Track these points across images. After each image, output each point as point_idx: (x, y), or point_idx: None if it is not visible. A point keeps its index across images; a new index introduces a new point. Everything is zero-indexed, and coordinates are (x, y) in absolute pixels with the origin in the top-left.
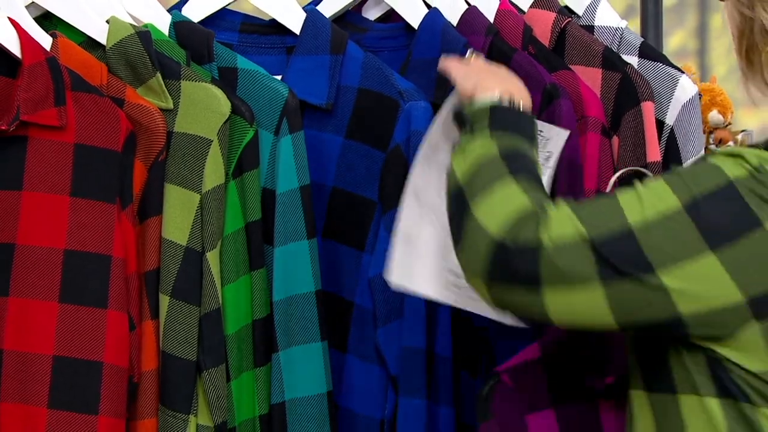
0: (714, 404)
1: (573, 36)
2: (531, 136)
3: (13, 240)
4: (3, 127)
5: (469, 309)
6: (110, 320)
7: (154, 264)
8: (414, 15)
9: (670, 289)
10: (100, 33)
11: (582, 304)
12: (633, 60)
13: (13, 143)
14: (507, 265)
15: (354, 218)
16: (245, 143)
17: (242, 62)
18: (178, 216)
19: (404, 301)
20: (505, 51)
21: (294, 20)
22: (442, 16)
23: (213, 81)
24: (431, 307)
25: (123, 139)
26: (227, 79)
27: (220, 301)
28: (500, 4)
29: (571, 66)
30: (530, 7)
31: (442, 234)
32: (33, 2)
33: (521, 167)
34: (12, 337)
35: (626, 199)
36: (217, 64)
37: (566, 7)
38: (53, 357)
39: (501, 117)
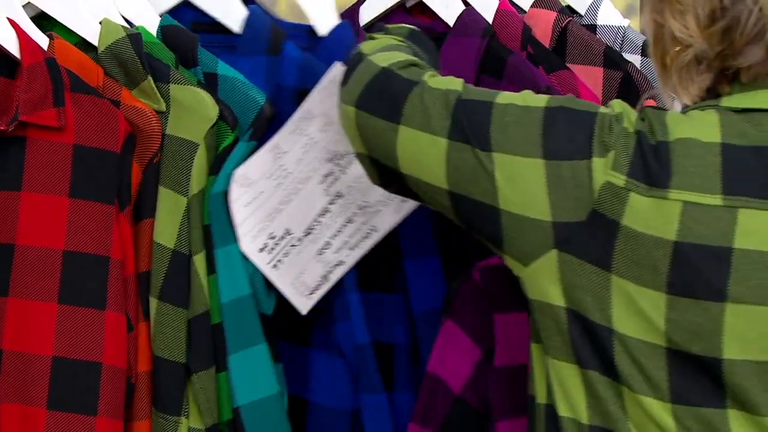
0: (536, 349)
1: (574, 35)
2: (435, 67)
3: (12, 240)
4: (2, 128)
5: (268, 276)
6: (108, 321)
7: (147, 266)
8: (323, 23)
9: (497, 176)
10: (94, 35)
11: (426, 153)
12: (636, 58)
13: (12, 144)
14: (382, 88)
15: None
16: (222, 148)
17: (222, 68)
18: (167, 219)
19: (346, 300)
20: (500, 54)
21: (236, 20)
22: (352, 31)
23: (200, 84)
24: (383, 300)
25: (122, 141)
26: (209, 85)
27: (209, 304)
28: (500, 4)
29: (572, 65)
30: (531, 6)
31: (281, 197)
32: (29, 2)
33: (424, 60)
34: (11, 338)
35: (516, 93)
36: (201, 68)
37: (568, 6)
38: (52, 358)
39: (417, 38)
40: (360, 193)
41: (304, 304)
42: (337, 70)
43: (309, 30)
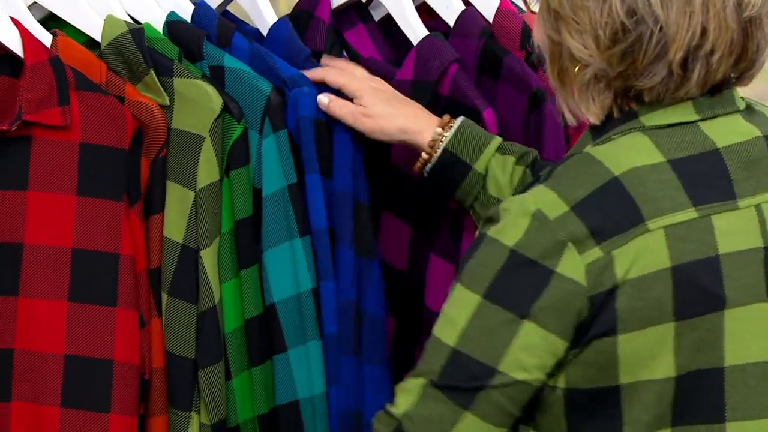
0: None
1: None
2: None
3: (21, 240)
4: (4, 127)
5: None
6: (120, 318)
7: (158, 262)
8: (263, 23)
9: (517, 377)
10: (99, 32)
11: None
12: None
13: (16, 143)
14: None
15: None
16: (232, 141)
17: (229, 61)
18: (175, 213)
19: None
20: (496, 54)
21: (186, 16)
22: (290, 25)
23: (204, 78)
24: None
25: (130, 137)
26: (216, 78)
27: (216, 299)
28: (500, 3)
29: None
30: None
31: None
32: (35, 2)
33: None
34: (22, 337)
35: (439, 328)
36: (207, 62)
37: None
38: (64, 356)
39: None
40: None
41: None
42: None
43: (259, 33)
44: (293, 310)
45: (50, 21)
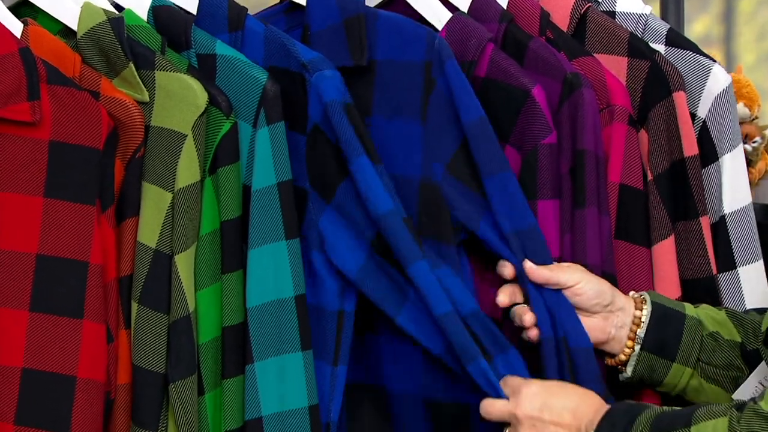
0: None
1: (595, 22)
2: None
3: None
4: None
5: None
6: (86, 331)
7: (129, 269)
8: None
9: None
10: (75, 20)
11: None
12: (660, 48)
13: None
14: None
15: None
16: (220, 137)
17: (221, 48)
18: (150, 216)
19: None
20: (520, 39)
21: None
22: None
23: (190, 69)
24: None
25: (105, 137)
26: (206, 67)
27: (191, 308)
28: None
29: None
30: None
31: None
32: None
33: None
34: None
35: None
36: (195, 51)
37: None
38: (22, 369)
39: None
40: None
41: None
42: None
43: (283, 10)
44: (268, 318)
45: (21, 7)
